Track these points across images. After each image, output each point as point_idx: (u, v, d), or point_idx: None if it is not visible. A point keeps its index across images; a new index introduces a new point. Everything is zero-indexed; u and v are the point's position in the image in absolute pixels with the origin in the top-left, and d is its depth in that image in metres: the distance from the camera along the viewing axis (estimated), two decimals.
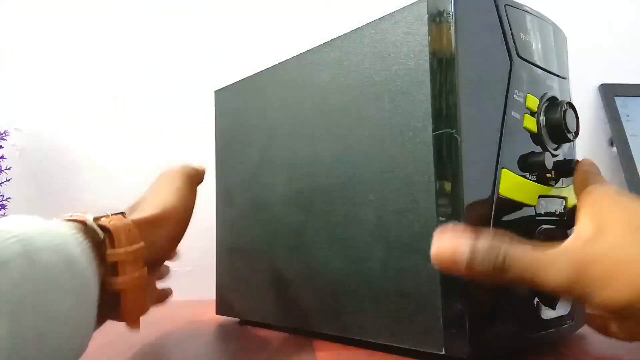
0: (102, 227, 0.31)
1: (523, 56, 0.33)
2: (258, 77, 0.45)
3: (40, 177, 0.75)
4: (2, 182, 0.68)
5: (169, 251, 0.38)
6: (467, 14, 0.30)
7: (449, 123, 0.29)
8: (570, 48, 0.41)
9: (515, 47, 0.32)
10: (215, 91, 0.49)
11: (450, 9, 0.30)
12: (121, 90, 0.77)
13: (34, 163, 0.75)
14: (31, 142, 0.75)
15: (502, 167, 0.30)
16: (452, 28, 0.30)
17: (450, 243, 0.26)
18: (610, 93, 0.81)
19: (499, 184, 0.30)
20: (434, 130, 0.30)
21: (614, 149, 0.77)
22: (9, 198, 0.67)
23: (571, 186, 0.34)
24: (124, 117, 0.76)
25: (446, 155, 0.29)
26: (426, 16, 0.31)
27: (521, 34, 0.33)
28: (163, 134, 0.76)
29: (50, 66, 0.77)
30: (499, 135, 0.30)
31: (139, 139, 0.76)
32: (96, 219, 0.31)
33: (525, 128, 0.32)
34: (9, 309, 0.22)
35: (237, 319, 0.49)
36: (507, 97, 0.31)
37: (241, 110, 0.48)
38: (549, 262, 0.25)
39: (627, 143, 0.77)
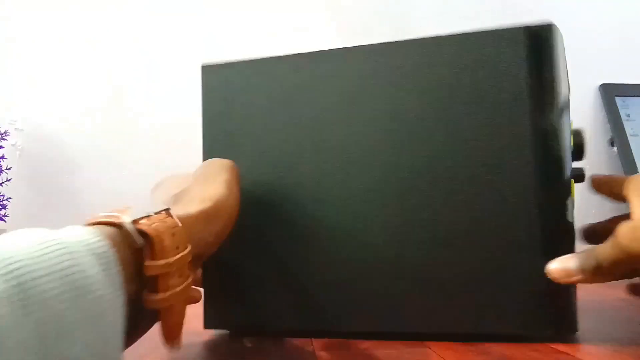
0: (142, 232, 0.26)
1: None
2: (277, 62, 0.42)
3: (40, 177, 0.75)
4: (2, 182, 0.68)
5: (214, 248, 0.34)
6: (559, 42, 0.37)
7: (554, 140, 0.35)
8: (570, 48, 0.41)
9: (567, 73, 0.39)
10: (202, 66, 0.44)
11: (552, 39, 0.36)
12: (121, 90, 0.77)
13: (34, 163, 0.75)
14: (31, 142, 0.75)
15: (570, 177, 0.37)
16: (553, 55, 0.36)
17: (559, 262, 0.33)
18: (610, 93, 0.81)
19: (571, 190, 0.37)
20: (537, 144, 0.35)
21: (614, 149, 0.77)
22: (9, 198, 0.67)
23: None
24: (125, 117, 0.76)
25: (554, 170, 0.35)
26: (524, 41, 0.36)
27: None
28: (163, 134, 0.76)
29: (50, 66, 0.77)
30: (570, 151, 0.37)
31: (139, 139, 0.76)
32: (135, 222, 0.26)
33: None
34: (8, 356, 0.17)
35: (227, 332, 0.44)
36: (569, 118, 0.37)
37: (247, 94, 0.43)
38: (629, 237, 0.30)
39: (627, 143, 0.77)
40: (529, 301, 0.35)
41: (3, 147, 0.68)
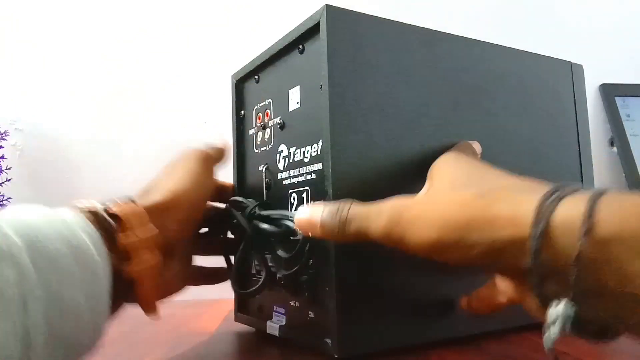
0: (112, 215, 0.30)
1: None
2: (408, 30, 0.37)
3: (40, 177, 0.75)
4: (2, 182, 0.68)
5: (183, 235, 0.37)
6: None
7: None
8: (571, 48, 0.41)
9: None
10: (327, 6, 0.34)
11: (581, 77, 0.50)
12: (121, 90, 0.77)
13: (34, 163, 0.75)
14: (31, 142, 0.75)
15: None
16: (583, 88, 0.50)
17: (309, 209, 0.31)
18: (610, 93, 0.81)
19: None
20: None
21: (614, 148, 0.78)
22: (9, 198, 0.67)
23: None
24: (125, 117, 0.77)
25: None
26: (570, 74, 0.48)
27: None
28: (164, 134, 0.76)
29: (50, 66, 0.77)
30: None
31: (139, 139, 0.76)
32: (106, 207, 0.31)
33: None
34: (18, 301, 0.22)
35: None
36: None
37: (376, 53, 0.35)
38: (376, 212, 0.27)
39: (627, 143, 0.77)
40: None
41: (3, 147, 0.68)
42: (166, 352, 0.37)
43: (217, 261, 0.42)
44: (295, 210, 0.35)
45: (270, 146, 0.41)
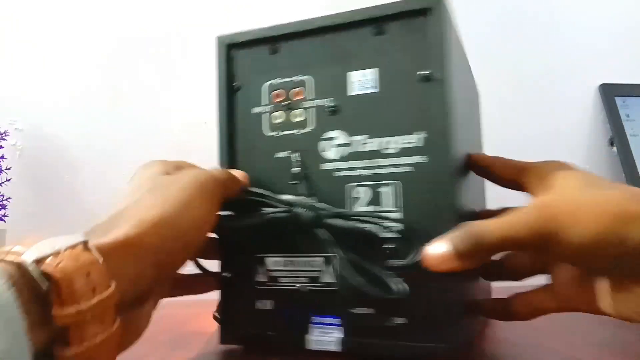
0: (47, 275, 0.21)
1: None
2: None
3: (40, 177, 0.75)
4: (2, 182, 0.68)
5: (162, 279, 0.28)
6: None
7: None
8: (570, 48, 0.41)
9: None
10: None
11: None
12: (121, 90, 0.77)
13: (34, 163, 0.75)
14: (31, 142, 0.75)
15: None
16: None
17: (437, 245, 0.28)
18: (610, 93, 0.81)
19: None
20: None
21: (614, 149, 0.77)
22: (9, 198, 0.67)
23: None
24: (125, 117, 0.76)
25: None
26: None
27: None
28: (164, 134, 0.76)
29: (50, 66, 0.77)
30: None
31: (139, 139, 0.76)
32: (39, 261, 0.21)
33: None
34: None
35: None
36: None
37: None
38: (516, 219, 0.26)
39: (627, 143, 0.77)
40: None
41: (3, 147, 0.68)
42: (166, 352, 0.37)
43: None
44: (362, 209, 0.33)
45: (304, 130, 0.36)
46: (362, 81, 0.35)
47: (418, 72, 0.33)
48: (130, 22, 0.78)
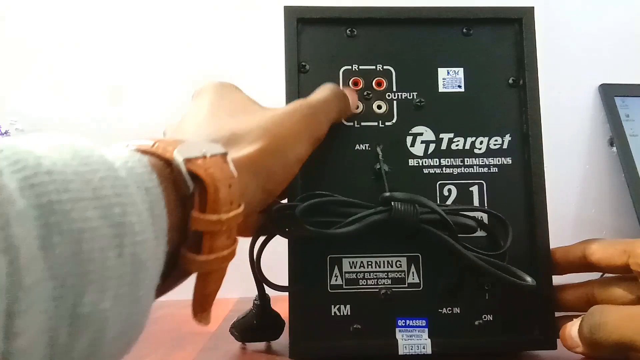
0: (194, 176, 0.20)
1: None
2: None
3: None
4: None
5: (261, 206, 0.27)
6: None
7: None
8: (570, 48, 0.41)
9: None
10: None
11: None
12: (121, 90, 0.77)
13: None
14: None
15: None
16: None
17: (574, 326, 0.30)
18: (610, 93, 0.81)
19: None
20: None
21: (614, 149, 0.77)
22: None
23: None
24: (125, 117, 0.77)
25: None
26: None
27: None
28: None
29: (50, 66, 0.77)
30: None
31: (140, 139, 0.76)
32: (188, 161, 0.20)
33: None
34: (2, 313, 0.13)
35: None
36: None
37: None
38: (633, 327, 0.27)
39: (627, 143, 0.77)
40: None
41: None
42: (166, 352, 0.38)
43: None
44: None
45: (388, 123, 0.35)
46: (451, 79, 0.35)
47: (509, 78, 0.35)
48: (130, 23, 0.78)
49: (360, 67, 0.35)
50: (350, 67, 0.35)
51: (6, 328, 0.13)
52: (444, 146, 0.34)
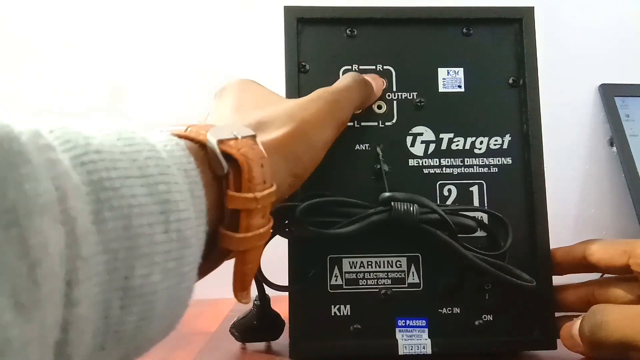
0: (228, 156, 0.21)
1: None
2: None
3: None
4: None
5: (290, 191, 0.28)
6: None
7: None
8: (570, 48, 0.41)
9: None
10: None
11: None
12: (121, 90, 0.77)
13: None
14: None
15: None
16: None
17: (575, 325, 0.30)
18: (610, 93, 0.81)
19: None
20: None
21: (614, 149, 0.77)
22: None
23: None
24: (125, 117, 0.77)
25: None
26: None
27: None
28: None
29: (50, 66, 0.77)
30: None
31: None
32: (221, 142, 0.21)
33: None
34: (60, 284, 0.14)
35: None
36: None
37: None
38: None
39: (627, 143, 0.77)
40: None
41: None
42: (166, 352, 0.37)
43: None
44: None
45: (388, 123, 0.35)
46: (451, 79, 0.35)
47: (509, 78, 0.35)
48: (130, 23, 0.78)
49: (360, 67, 0.35)
50: (350, 67, 0.35)
51: (66, 296, 0.14)
52: (444, 146, 0.35)
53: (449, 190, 0.34)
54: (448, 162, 0.34)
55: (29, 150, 0.14)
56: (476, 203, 0.34)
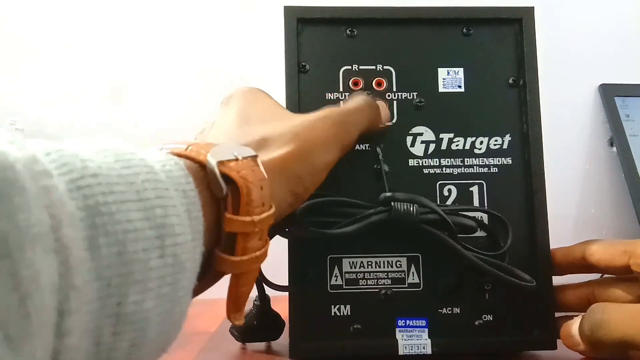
0: (227, 178, 0.21)
1: None
2: None
3: None
4: None
5: (290, 209, 0.27)
6: None
7: None
8: (570, 48, 0.41)
9: None
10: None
11: None
12: (121, 90, 0.77)
13: None
14: None
15: None
16: None
17: (575, 324, 0.30)
18: (610, 93, 0.81)
19: None
20: None
21: (614, 149, 0.77)
22: None
23: None
24: (125, 117, 0.77)
25: None
26: None
27: None
28: (164, 134, 0.76)
29: (50, 66, 0.77)
30: None
31: (139, 139, 0.76)
32: (221, 163, 0.21)
33: None
34: (52, 313, 0.14)
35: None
36: None
37: None
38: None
39: (627, 143, 0.77)
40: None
41: None
42: (166, 352, 0.38)
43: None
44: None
45: (388, 123, 0.35)
46: (451, 79, 0.35)
47: (509, 78, 0.35)
48: (130, 23, 0.78)
49: (360, 67, 0.35)
50: (350, 67, 0.35)
51: (57, 326, 0.14)
52: (444, 146, 0.35)
53: (449, 191, 0.34)
54: (448, 162, 0.35)
55: (24, 178, 0.14)
56: (476, 203, 0.34)
